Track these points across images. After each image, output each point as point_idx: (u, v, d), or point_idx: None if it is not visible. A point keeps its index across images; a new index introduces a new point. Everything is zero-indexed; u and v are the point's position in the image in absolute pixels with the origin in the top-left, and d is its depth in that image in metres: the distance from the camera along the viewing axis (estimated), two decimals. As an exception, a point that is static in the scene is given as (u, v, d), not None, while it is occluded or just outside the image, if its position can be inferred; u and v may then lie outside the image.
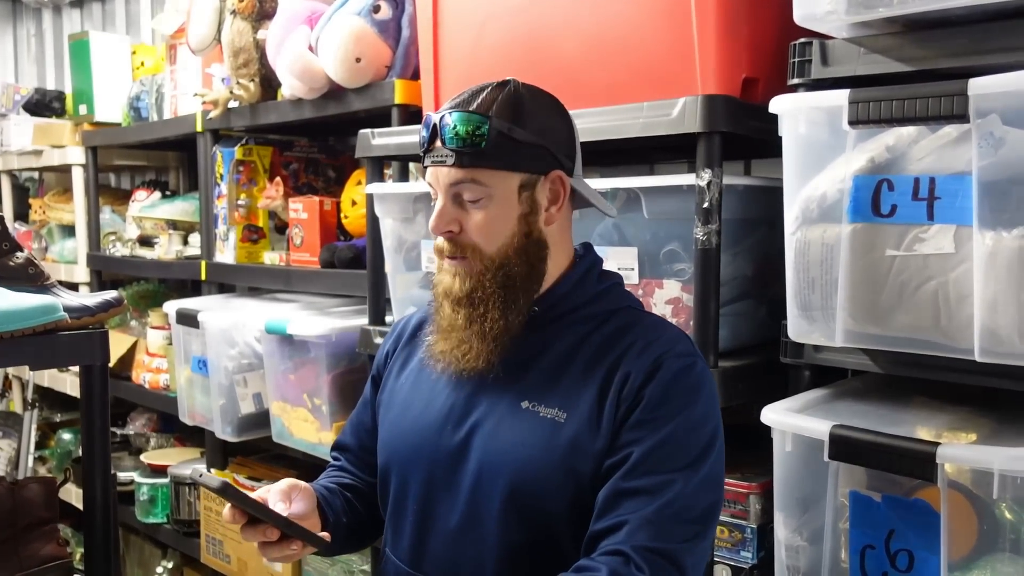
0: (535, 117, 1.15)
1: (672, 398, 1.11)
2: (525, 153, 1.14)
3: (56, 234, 3.54)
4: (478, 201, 1.14)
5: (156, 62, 3.15)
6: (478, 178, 1.13)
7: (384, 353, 1.36)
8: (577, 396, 1.13)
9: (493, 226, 1.14)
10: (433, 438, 1.19)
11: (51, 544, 1.52)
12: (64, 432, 3.54)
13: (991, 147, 1.08)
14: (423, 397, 1.24)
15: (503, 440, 1.14)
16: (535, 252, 1.17)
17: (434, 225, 1.16)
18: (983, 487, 1.09)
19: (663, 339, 1.16)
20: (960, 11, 1.14)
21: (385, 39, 2.05)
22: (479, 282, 1.15)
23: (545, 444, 1.12)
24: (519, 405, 1.15)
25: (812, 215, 1.26)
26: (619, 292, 1.24)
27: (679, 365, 1.13)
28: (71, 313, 1.40)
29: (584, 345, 1.17)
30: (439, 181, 1.15)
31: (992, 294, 1.08)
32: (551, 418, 1.13)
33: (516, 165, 1.14)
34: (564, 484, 1.11)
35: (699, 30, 1.43)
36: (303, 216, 2.35)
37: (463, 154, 1.12)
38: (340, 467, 1.38)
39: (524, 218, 1.15)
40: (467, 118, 1.11)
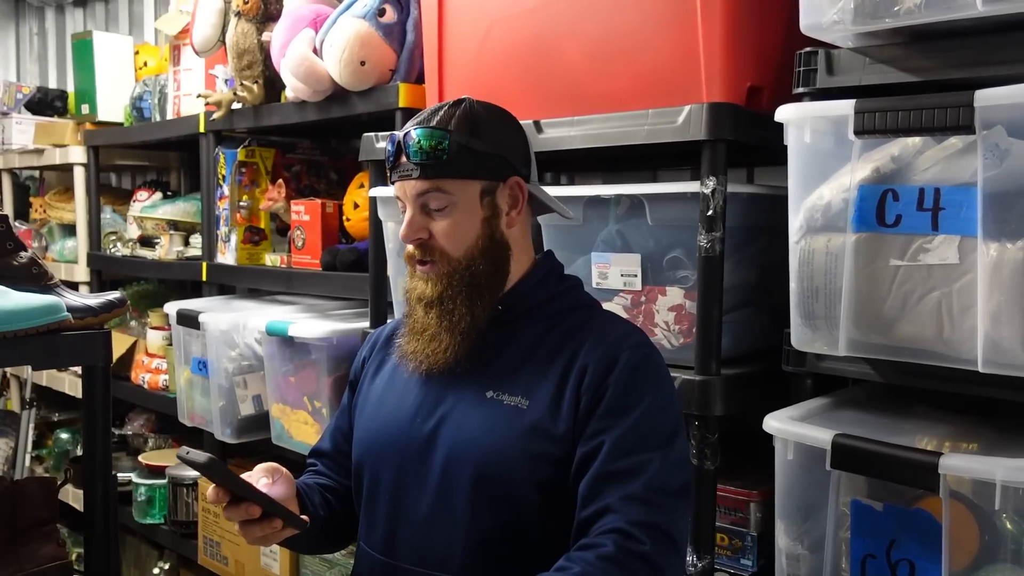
0: (491, 129, 1.24)
1: (637, 385, 1.19)
2: (484, 162, 1.23)
3: (56, 233, 3.54)
4: (443, 209, 1.22)
5: (159, 62, 3.15)
6: (442, 187, 1.21)
7: (361, 360, 1.43)
8: (538, 385, 1.21)
9: (458, 231, 1.23)
10: (404, 431, 1.26)
11: (51, 544, 1.51)
12: (62, 432, 3.54)
13: (996, 158, 1.08)
14: (395, 395, 1.30)
15: (469, 428, 1.21)
16: (498, 253, 1.25)
17: (404, 233, 1.24)
18: (985, 497, 1.09)
19: (618, 332, 1.24)
20: (966, 22, 1.14)
21: (389, 43, 2.05)
22: (448, 283, 1.23)
23: (508, 430, 1.19)
24: (484, 395, 1.22)
25: (816, 224, 1.26)
26: (577, 292, 1.32)
27: (640, 355, 1.21)
28: (74, 313, 1.40)
29: (544, 339, 1.25)
30: (407, 193, 1.23)
31: (996, 305, 1.08)
32: (514, 405, 1.20)
33: (476, 173, 1.23)
34: (528, 467, 1.17)
35: (704, 38, 1.43)
36: (305, 218, 2.35)
37: (427, 166, 1.21)
38: (316, 471, 1.43)
39: (487, 222, 1.24)
40: (429, 133, 1.20)
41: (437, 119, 1.23)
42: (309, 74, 2.11)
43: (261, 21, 2.34)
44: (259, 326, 2.21)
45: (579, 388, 1.19)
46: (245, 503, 1.16)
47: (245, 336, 2.31)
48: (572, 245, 1.61)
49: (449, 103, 1.25)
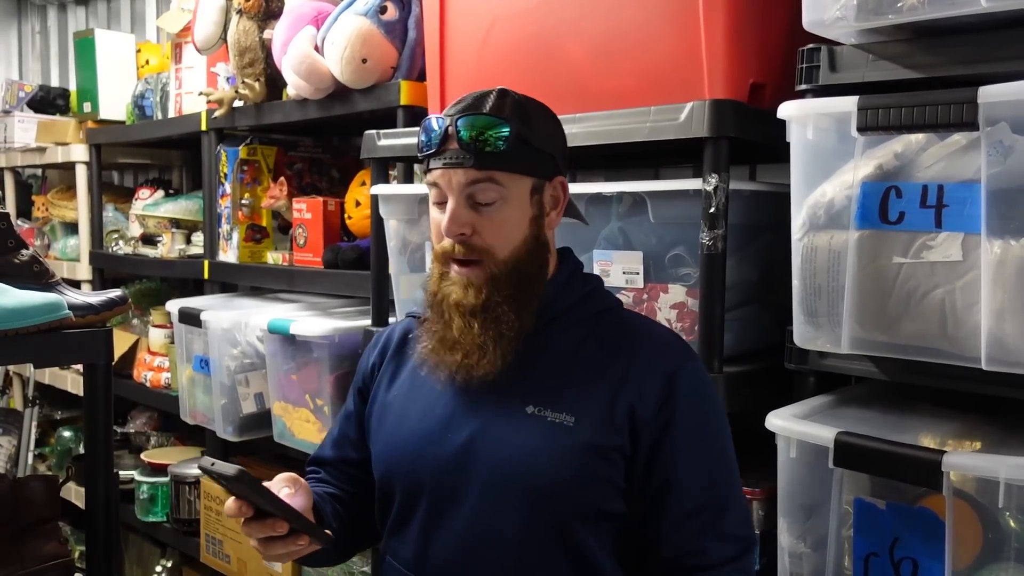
0: (541, 124, 1.18)
1: (700, 404, 1.15)
2: (537, 158, 1.17)
3: (59, 231, 3.54)
4: (492, 203, 1.14)
5: (161, 61, 3.15)
6: (496, 179, 1.14)
7: (369, 365, 1.35)
8: (585, 401, 1.14)
9: (507, 228, 1.15)
10: (434, 446, 1.18)
11: (52, 542, 1.51)
12: (64, 430, 3.54)
13: (1000, 155, 1.07)
14: (419, 406, 1.23)
15: (512, 446, 1.14)
16: (542, 255, 1.19)
17: (448, 228, 1.14)
18: (988, 496, 1.09)
19: (666, 348, 1.19)
20: (970, 19, 1.14)
21: (391, 40, 2.04)
22: (494, 287, 1.15)
23: (558, 448, 1.12)
24: (524, 411, 1.15)
25: (819, 221, 1.26)
26: (602, 293, 1.27)
27: (692, 373, 1.16)
28: (76, 311, 1.40)
29: (583, 348, 1.18)
30: (452, 182, 1.14)
31: (1000, 302, 1.08)
32: (559, 423, 1.13)
33: (529, 169, 1.16)
34: (585, 488, 1.12)
35: (707, 35, 1.43)
36: (307, 216, 2.35)
37: (483, 155, 1.12)
38: (319, 479, 1.36)
39: (534, 221, 1.17)
40: (488, 120, 1.13)
41: (488, 107, 1.15)
42: (311, 72, 2.11)
43: (263, 19, 2.34)
44: (261, 324, 2.21)
45: (636, 410, 1.13)
46: (271, 519, 1.08)
47: (247, 334, 2.31)
48: (574, 243, 1.60)
49: (493, 92, 1.17)
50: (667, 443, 1.13)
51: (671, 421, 1.13)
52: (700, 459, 1.14)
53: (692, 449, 1.13)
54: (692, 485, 1.13)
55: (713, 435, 1.16)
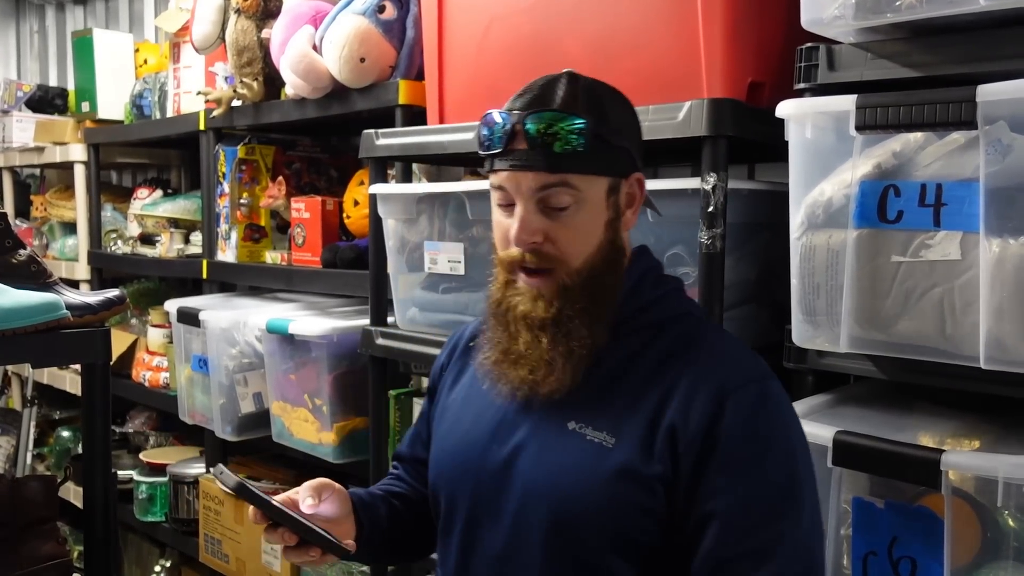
0: (617, 116, 1.07)
1: (757, 431, 1.00)
2: (614, 155, 1.06)
3: (57, 231, 3.54)
4: (566, 208, 1.04)
5: (159, 60, 3.14)
6: (571, 182, 1.03)
7: (439, 366, 1.30)
8: (627, 420, 1.04)
9: (582, 235, 1.05)
10: (478, 457, 1.12)
11: (51, 543, 1.51)
12: (63, 430, 3.54)
13: (999, 154, 1.07)
14: (471, 414, 1.16)
15: (547, 463, 1.06)
16: (618, 262, 1.09)
17: (518, 236, 1.04)
18: (987, 495, 1.09)
19: (726, 362, 1.05)
20: (968, 17, 1.14)
21: (389, 39, 2.04)
22: (566, 300, 1.05)
23: (590, 470, 1.03)
24: (566, 426, 1.06)
25: (817, 220, 1.25)
26: (677, 298, 1.14)
27: (753, 394, 1.02)
28: (73, 311, 1.40)
29: (638, 361, 1.07)
30: (520, 186, 1.04)
31: (998, 301, 1.08)
32: (598, 442, 1.04)
33: (606, 167, 1.05)
34: (612, 515, 1.02)
35: (705, 34, 1.43)
36: (305, 216, 2.34)
37: (557, 156, 1.02)
38: (397, 475, 1.33)
39: (610, 225, 1.07)
40: (560, 117, 1.02)
41: (559, 99, 1.03)
42: (309, 71, 2.11)
43: (261, 18, 2.34)
44: (259, 324, 2.21)
45: (677, 430, 1.00)
46: (282, 528, 1.07)
47: (245, 334, 2.31)
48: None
49: (562, 79, 1.06)
50: (710, 471, 0.99)
51: (716, 446, 0.99)
52: (748, 494, 0.98)
53: (739, 481, 0.98)
54: (734, 523, 0.97)
55: (771, 468, 0.99)
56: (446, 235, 1.79)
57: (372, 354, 1.96)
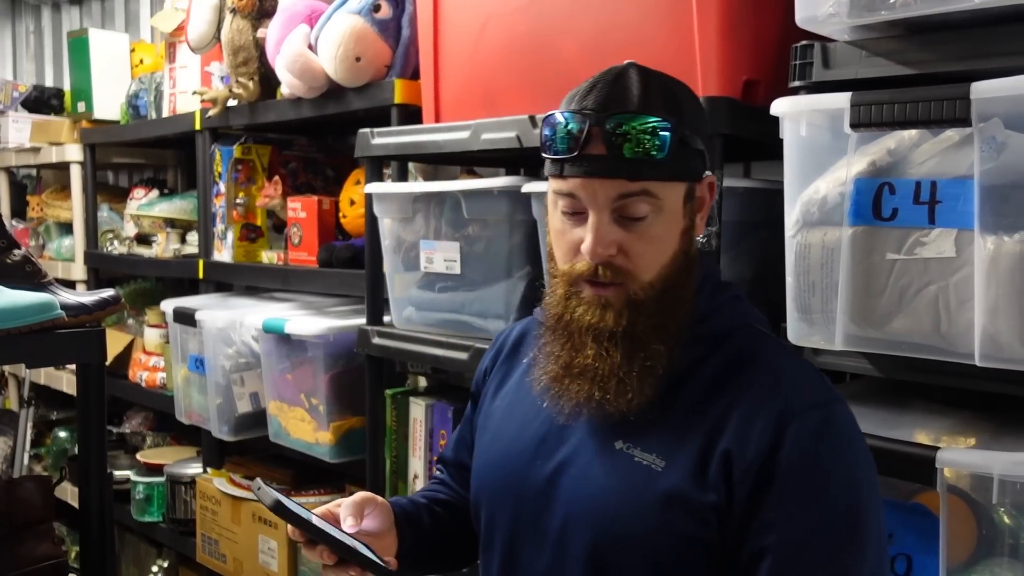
0: (691, 111, 0.99)
1: (819, 459, 0.93)
2: (691, 157, 0.98)
3: (53, 232, 3.54)
4: (643, 218, 0.96)
5: (155, 60, 3.14)
6: (651, 190, 0.95)
7: (483, 370, 1.24)
8: (678, 442, 0.97)
9: (658, 247, 0.97)
10: (521, 472, 1.06)
11: (46, 543, 1.51)
12: (60, 430, 3.53)
13: (993, 151, 1.07)
14: (515, 424, 1.10)
15: (591, 484, 0.99)
16: (691, 272, 1.01)
17: (593, 250, 0.96)
18: (982, 492, 1.09)
19: (787, 384, 0.97)
20: (963, 14, 1.14)
21: (385, 38, 2.04)
22: (638, 314, 0.97)
23: (636, 495, 0.96)
24: (613, 444, 1.00)
25: (813, 218, 1.25)
26: (736, 308, 1.06)
27: (815, 421, 0.94)
28: (68, 311, 1.40)
29: (693, 377, 1.00)
30: (596, 195, 0.95)
31: (993, 299, 1.08)
32: (646, 464, 0.97)
33: (685, 172, 0.98)
34: (655, 542, 0.95)
35: (700, 32, 1.43)
36: (302, 215, 2.34)
37: (639, 163, 0.93)
38: (441, 480, 1.29)
39: (685, 233, 1.00)
40: (646, 120, 0.93)
41: (637, 97, 0.95)
42: (304, 70, 2.11)
43: (256, 18, 2.33)
44: (256, 323, 2.21)
45: (733, 456, 0.94)
46: (320, 546, 1.02)
47: (242, 333, 2.31)
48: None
49: (630, 73, 0.98)
50: (767, 503, 0.92)
51: (774, 476, 0.92)
52: (807, 529, 0.91)
53: (797, 515, 0.92)
54: (790, 560, 0.91)
55: (832, 501, 0.92)
56: (442, 234, 1.79)
57: (368, 353, 1.96)
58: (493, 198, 1.68)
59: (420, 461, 1.93)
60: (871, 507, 0.95)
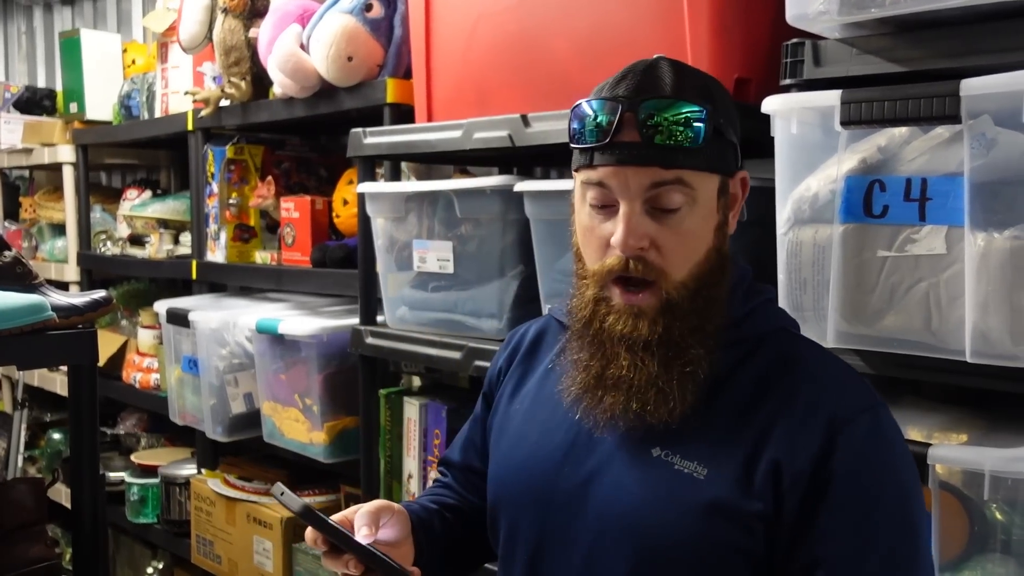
0: (724, 103, 0.97)
1: (869, 474, 0.91)
2: (725, 149, 0.96)
3: (46, 233, 3.53)
4: (676, 211, 0.92)
5: (147, 60, 3.13)
6: (685, 179, 0.92)
7: (497, 370, 1.19)
8: (722, 449, 0.93)
9: (692, 241, 0.94)
10: (548, 480, 1.01)
11: (39, 545, 1.51)
12: (54, 432, 3.53)
13: (983, 148, 1.08)
14: (539, 428, 1.05)
15: (629, 494, 0.95)
16: (725, 271, 0.98)
17: (624, 241, 0.92)
18: (974, 488, 1.09)
19: (833, 388, 0.95)
20: (953, 12, 1.14)
21: (377, 38, 2.04)
22: (673, 318, 0.93)
23: (679, 504, 0.93)
24: (650, 452, 0.95)
25: (804, 215, 1.26)
26: (770, 311, 1.04)
27: (865, 425, 0.92)
28: (59, 312, 1.40)
29: (732, 382, 0.96)
30: (628, 184, 0.92)
31: (984, 295, 1.08)
32: (688, 473, 0.93)
33: (720, 163, 0.95)
34: (700, 553, 0.92)
35: (691, 30, 1.43)
36: (295, 215, 2.34)
37: (672, 151, 0.90)
38: (445, 484, 1.24)
39: (719, 229, 0.97)
40: (681, 106, 0.90)
41: (670, 85, 0.92)
42: (296, 70, 2.10)
43: (248, 17, 2.33)
44: (249, 324, 2.20)
45: (782, 465, 0.90)
46: (346, 555, 0.98)
47: (235, 334, 2.31)
48: (562, 240, 1.61)
49: (661, 63, 0.95)
50: (820, 512, 0.90)
51: (829, 485, 0.89)
52: (863, 540, 0.89)
53: (853, 525, 0.89)
54: (848, 570, 0.89)
55: (890, 512, 0.91)
56: (435, 234, 1.79)
57: (362, 353, 1.96)
58: (486, 197, 1.68)
59: (414, 461, 1.93)
60: (921, 516, 0.94)
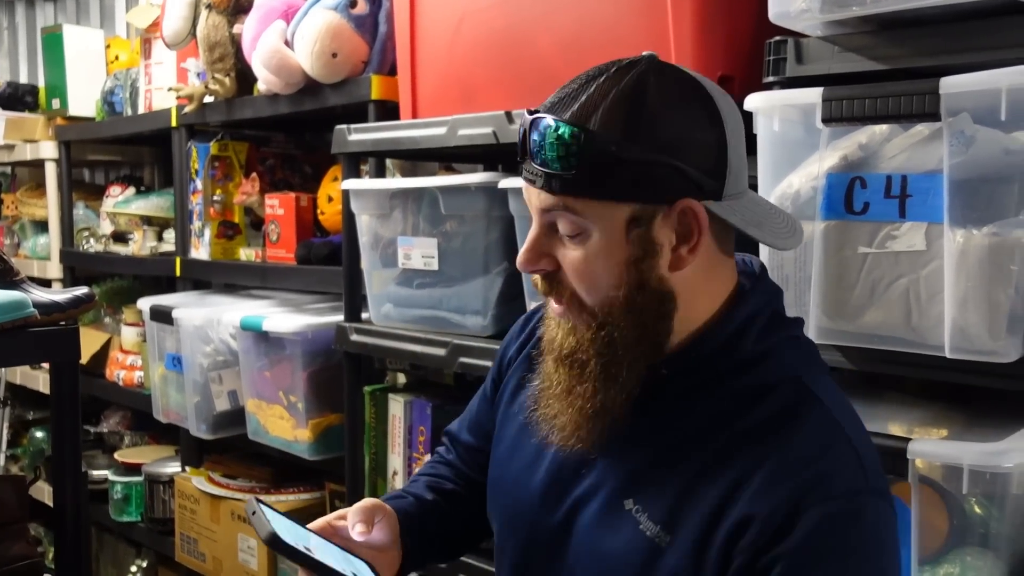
0: (660, 121, 0.84)
1: (818, 566, 0.80)
2: (638, 176, 0.83)
3: (29, 230, 3.50)
4: (576, 236, 0.86)
5: (131, 56, 3.12)
6: (571, 207, 0.85)
7: (507, 358, 1.12)
8: (687, 509, 0.86)
9: (592, 270, 0.87)
10: (533, 509, 0.98)
11: (20, 543, 1.50)
12: (37, 430, 3.50)
13: (962, 145, 1.08)
14: (530, 448, 1.00)
15: (600, 542, 0.91)
16: (653, 309, 0.87)
17: (520, 259, 0.90)
18: (953, 482, 1.10)
19: (822, 459, 0.83)
20: (933, 10, 1.15)
21: (361, 34, 2.03)
22: (580, 341, 0.89)
23: (641, 570, 0.87)
24: (622, 503, 0.90)
25: (786, 212, 1.26)
26: (784, 356, 0.91)
27: (833, 512, 0.80)
28: (41, 309, 1.39)
29: (717, 431, 0.87)
30: (531, 202, 0.89)
31: (962, 291, 1.09)
32: (651, 536, 0.87)
33: (623, 193, 0.84)
34: None
35: (675, 28, 1.43)
36: (279, 212, 2.33)
37: (552, 176, 0.84)
38: (448, 461, 1.19)
39: (634, 265, 0.86)
40: (556, 130, 0.83)
41: (580, 102, 0.84)
42: (281, 67, 2.10)
43: (232, 13, 2.32)
44: (233, 321, 2.20)
45: (739, 532, 0.82)
46: None
47: (219, 331, 2.30)
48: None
49: (614, 69, 0.86)
50: None
51: (773, 565, 0.80)
52: None
53: None
54: None
55: None
56: (420, 230, 1.79)
57: (347, 350, 1.95)
58: (470, 194, 1.68)
59: (399, 458, 1.93)
60: None
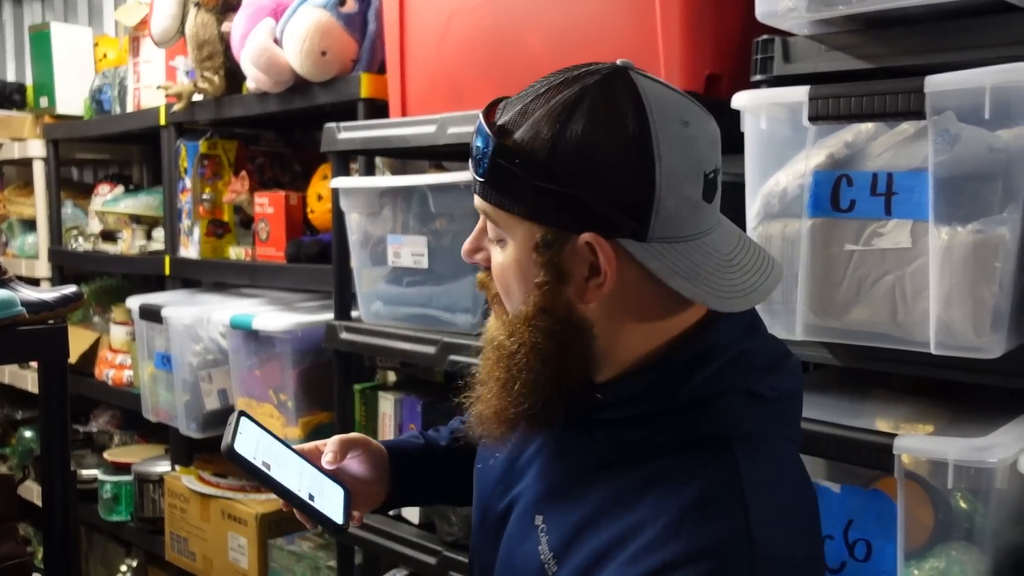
0: (577, 148, 0.79)
1: None
2: (541, 199, 0.80)
3: (16, 229, 3.49)
4: (498, 241, 0.86)
5: (119, 54, 3.11)
6: (488, 213, 0.85)
7: None
8: (579, 546, 0.83)
9: (506, 279, 0.86)
10: (488, 494, 0.99)
11: (9, 542, 1.49)
12: (25, 430, 3.49)
13: (947, 143, 1.09)
14: None
15: (511, 547, 0.92)
16: (558, 333, 0.82)
17: (462, 249, 0.92)
18: (939, 477, 1.11)
19: (708, 518, 0.77)
20: (918, 9, 1.16)
21: (351, 32, 2.03)
22: (495, 339, 0.88)
23: None
24: (534, 517, 0.88)
25: (773, 210, 1.27)
26: (743, 409, 0.83)
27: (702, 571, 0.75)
28: (29, 308, 1.38)
29: (632, 469, 0.83)
30: (474, 199, 0.89)
31: (947, 288, 1.10)
32: (543, 561, 0.85)
33: (528, 213, 0.81)
34: None
35: (663, 27, 1.44)
36: (269, 211, 2.33)
37: (474, 178, 0.85)
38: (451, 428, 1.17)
39: (539, 287, 0.82)
40: (478, 133, 0.83)
41: (522, 107, 0.82)
42: (270, 65, 2.10)
43: (221, 11, 2.32)
44: (223, 320, 2.19)
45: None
46: None
47: (209, 330, 2.30)
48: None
49: (575, 77, 0.84)
50: None
51: None
52: None
53: None
54: None
55: None
56: (409, 228, 1.79)
57: (336, 348, 1.95)
58: (460, 192, 1.68)
59: (389, 456, 1.93)
60: None
